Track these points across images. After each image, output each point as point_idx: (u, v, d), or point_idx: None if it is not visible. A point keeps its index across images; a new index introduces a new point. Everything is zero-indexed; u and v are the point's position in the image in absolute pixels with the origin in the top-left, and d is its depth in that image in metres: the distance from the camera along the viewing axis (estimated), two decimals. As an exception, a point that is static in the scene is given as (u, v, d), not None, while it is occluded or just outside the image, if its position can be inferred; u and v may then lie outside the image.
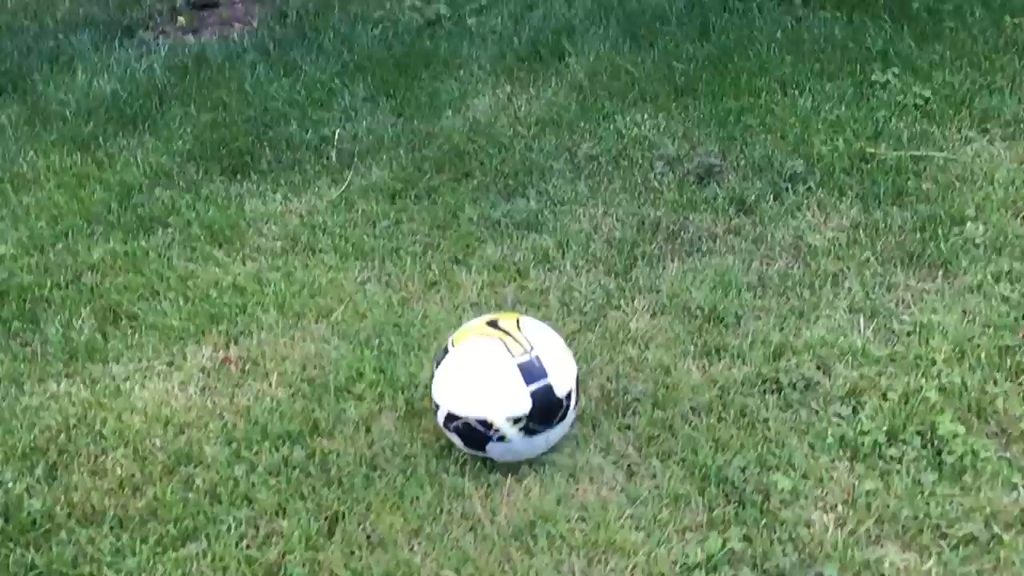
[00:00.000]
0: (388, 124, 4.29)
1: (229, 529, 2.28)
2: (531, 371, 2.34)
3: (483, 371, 2.38)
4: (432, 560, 2.17)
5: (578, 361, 2.73)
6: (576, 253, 3.28)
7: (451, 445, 2.46)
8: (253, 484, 2.40)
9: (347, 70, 4.82)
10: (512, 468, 2.39)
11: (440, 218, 3.56)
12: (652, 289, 3.08)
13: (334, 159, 4.04)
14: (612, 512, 2.25)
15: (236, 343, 2.96)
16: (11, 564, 2.20)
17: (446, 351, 2.45)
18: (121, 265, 3.39)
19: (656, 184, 3.66)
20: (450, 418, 2.38)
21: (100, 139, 4.29)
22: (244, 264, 3.37)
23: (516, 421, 2.32)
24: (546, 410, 2.34)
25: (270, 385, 2.76)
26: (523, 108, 4.36)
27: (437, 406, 2.42)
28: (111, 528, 2.30)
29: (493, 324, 2.45)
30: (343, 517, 2.30)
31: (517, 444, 2.35)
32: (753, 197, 3.51)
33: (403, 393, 2.69)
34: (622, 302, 3.02)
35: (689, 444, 2.43)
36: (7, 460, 2.53)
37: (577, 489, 2.34)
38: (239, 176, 3.95)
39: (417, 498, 2.33)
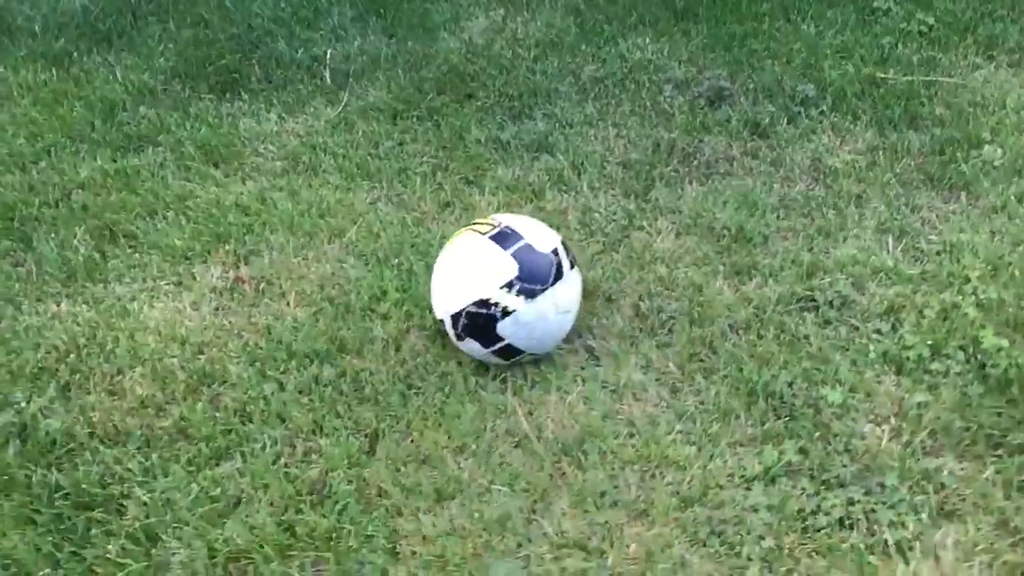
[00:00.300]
0: (381, 45, 4.12)
1: (264, 447, 2.18)
2: (504, 237, 2.30)
3: (461, 260, 2.33)
4: (481, 476, 2.10)
5: (607, 281, 2.68)
6: (592, 175, 3.20)
7: (488, 362, 2.39)
8: (284, 403, 2.29)
9: (332, -11, 4.62)
10: (555, 385, 2.32)
11: (446, 139, 3.44)
12: (673, 210, 3.01)
13: (328, 79, 3.87)
14: (661, 427, 2.20)
15: (246, 263, 2.83)
16: (34, 484, 2.07)
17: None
18: (112, 184, 3.21)
19: (666, 107, 3.58)
20: (455, 320, 2.30)
21: (74, 55, 4.05)
22: (244, 183, 3.22)
23: (509, 286, 2.24)
24: (534, 267, 2.27)
25: (288, 305, 2.64)
26: (520, 30, 4.23)
27: (442, 320, 2.35)
28: (138, 448, 2.18)
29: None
30: (383, 435, 2.21)
31: (526, 314, 2.25)
32: (767, 120, 3.45)
33: (430, 312, 2.60)
34: (644, 223, 2.95)
35: (732, 361, 2.38)
36: (15, 380, 2.38)
37: (622, 406, 2.29)
38: (228, 95, 3.77)
39: (458, 416, 2.26)
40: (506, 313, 2.25)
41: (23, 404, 2.28)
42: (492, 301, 2.24)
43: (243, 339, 2.52)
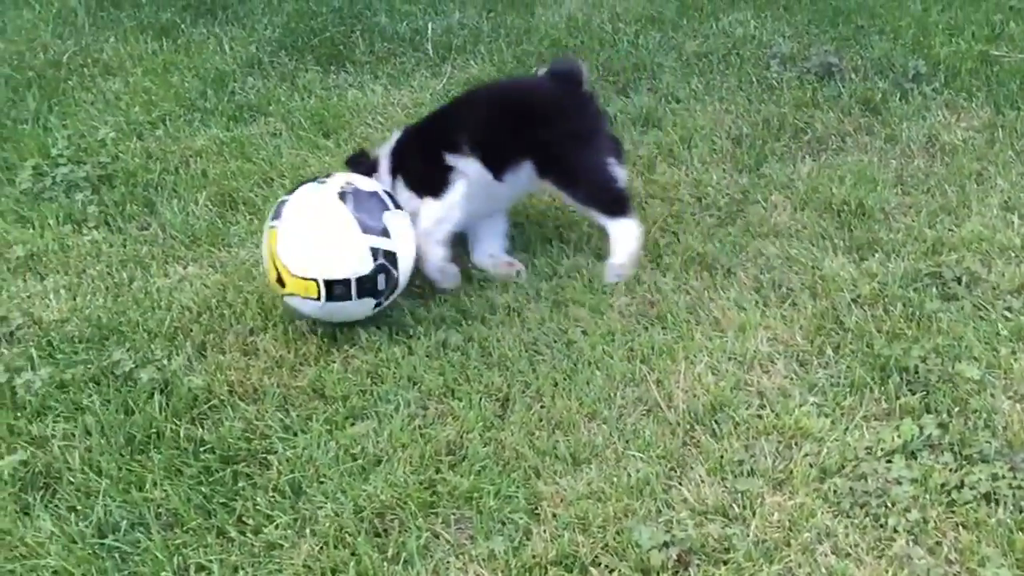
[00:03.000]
0: (480, 18, 4.14)
1: (398, 408, 2.22)
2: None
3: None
4: (614, 442, 2.11)
5: (725, 254, 2.67)
6: (702, 149, 3.18)
7: (613, 331, 2.40)
8: (415, 367, 2.33)
9: (428, -37, 4.64)
10: (682, 355, 2.32)
11: (552, 112, 3.44)
12: (787, 185, 2.99)
13: (430, 51, 3.90)
14: (794, 399, 2.19)
15: (363, 231, 2.87)
16: (181, 439, 2.14)
17: None
18: (228, 152, 3.27)
19: (774, 82, 3.55)
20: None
21: (181, 26, 4.13)
22: (355, 154, 3.26)
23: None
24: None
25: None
26: (618, 5, 4.21)
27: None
28: (277, 406, 2.23)
29: None
30: (514, 399, 2.24)
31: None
32: (878, 96, 3.40)
33: (548, 282, 2.62)
34: (759, 197, 2.94)
35: (860, 335, 2.36)
36: (152, 339, 2.45)
37: (750, 376, 2.28)
38: (334, 67, 3.82)
39: (588, 383, 2.27)
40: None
41: (164, 361, 2.35)
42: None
43: (368, 304, 2.56)
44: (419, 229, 2.54)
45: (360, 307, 2.40)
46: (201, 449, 2.12)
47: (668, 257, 2.69)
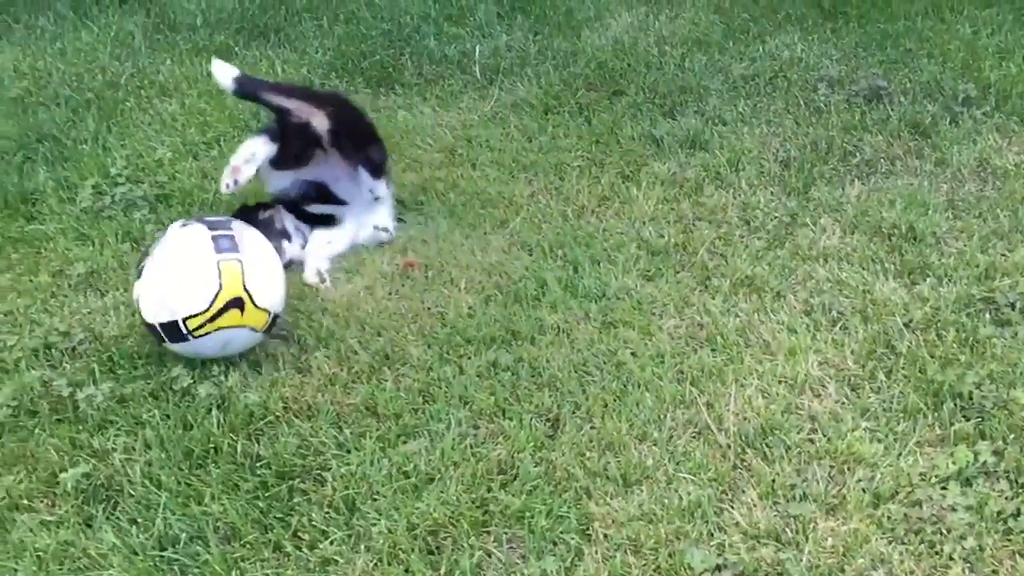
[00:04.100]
0: (527, 41, 4.18)
1: (449, 427, 2.24)
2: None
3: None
4: (665, 464, 2.12)
5: (774, 276, 2.67)
6: (750, 172, 3.19)
7: (662, 353, 2.41)
8: (466, 386, 2.36)
9: (474, -13, 4.70)
10: (732, 378, 2.33)
11: (599, 135, 3.48)
12: (836, 208, 2.98)
13: (478, 73, 3.94)
14: (846, 424, 2.19)
15: (412, 251, 2.91)
16: (238, 455, 2.18)
17: None
18: (280, 172, 3.33)
19: (821, 105, 3.55)
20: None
21: (235, 49, 4.22)
22: (404, 174, 3.31)
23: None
24: None
25: (459, 291, 2.71)
26: (664, 28, 4.24)
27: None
28: (331, 423, 2.27)
29: None
30: (564, 420, 2.25)
31: None
32: (928, 120, 3.38)
33: (596, 303, 2.63)
34: (808, 220, 2.93)
35: (912, 360, 2.35)
36: (209, 355, 2.50)
37: (801, 400, 2.28)
38: (383, 88, 3.88)
39: (637, 404, 2.28)
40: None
41: (221, 378, 2.39)
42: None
43: (418, 323, 2.59)
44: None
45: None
46: (257, 464, 2.16)
47: (717, 279, 2.69)
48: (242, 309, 2.40)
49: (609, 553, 1.92)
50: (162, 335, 2.39)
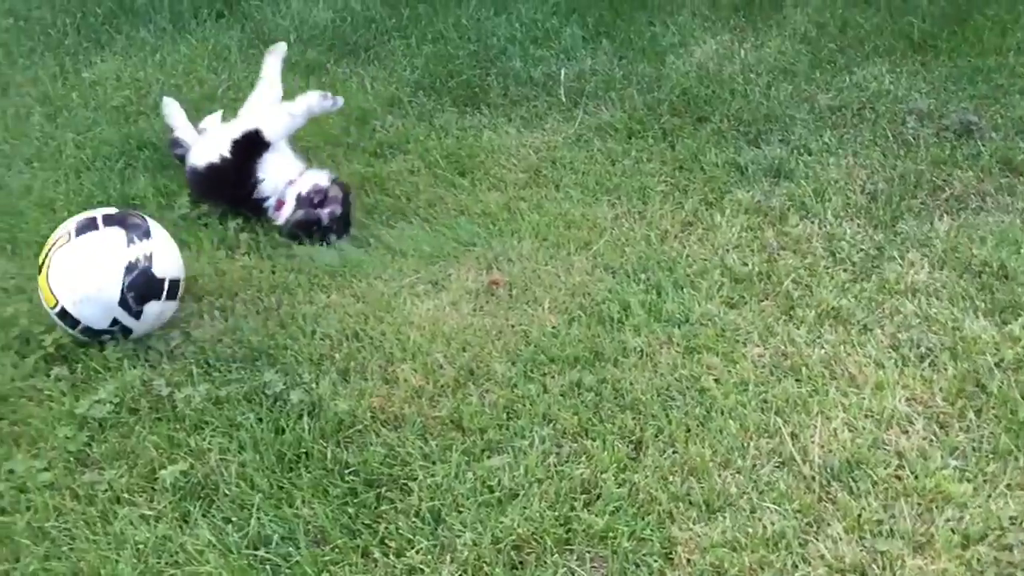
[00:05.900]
0: (612, 66, 4.22)
1: (532, 444, 2.28)
2: None
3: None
4: (748, 492, 2.13)
5: (861, 310, 2.67)
6: (835, 203, 3.17)
7: (746, 381, 2.42)
8: (549, 405, 2.39)
9: (559, 10, 4.76)
10: (817, 410, 2.32)
11: (682, 160, 3.49)
12: (924, 243, 2.96)
13: (563, 96, 4.00)
14: (935, 462, 2.17)
15: (496, 268, 2.96)
16: (328, 461, 2.24)
17: None
18: (368, 186, 3.42)
19: (910, 138, 3.51)
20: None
21: (326, 65, 4.34)
22: (489, 193, 3.37)
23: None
24: None
25: (543, 310, 2.75)
26: (749, 56, 4.24)
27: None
28: (417, 435, 2.32)
29: None
30: (646, 444, 2.27)
31: None
32: (1020, 157, 3.33)
33: (679, 328, 2.65)
34: (895, 254, 2.91)
35: (1003, 400, 2.32)
36: (299, 362, 2.57)
37: (888, 435, 2.26)
38: (469, 108, 3.95)
39: (721, 431, 2.29)
40: None
41: (312, 384, 2.46)
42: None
43: (503, 340, 2.63)
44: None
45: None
46: (346, 471, 2.22)
47: (801, 310, 2.69)
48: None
49: (692, 578, 1.93)
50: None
